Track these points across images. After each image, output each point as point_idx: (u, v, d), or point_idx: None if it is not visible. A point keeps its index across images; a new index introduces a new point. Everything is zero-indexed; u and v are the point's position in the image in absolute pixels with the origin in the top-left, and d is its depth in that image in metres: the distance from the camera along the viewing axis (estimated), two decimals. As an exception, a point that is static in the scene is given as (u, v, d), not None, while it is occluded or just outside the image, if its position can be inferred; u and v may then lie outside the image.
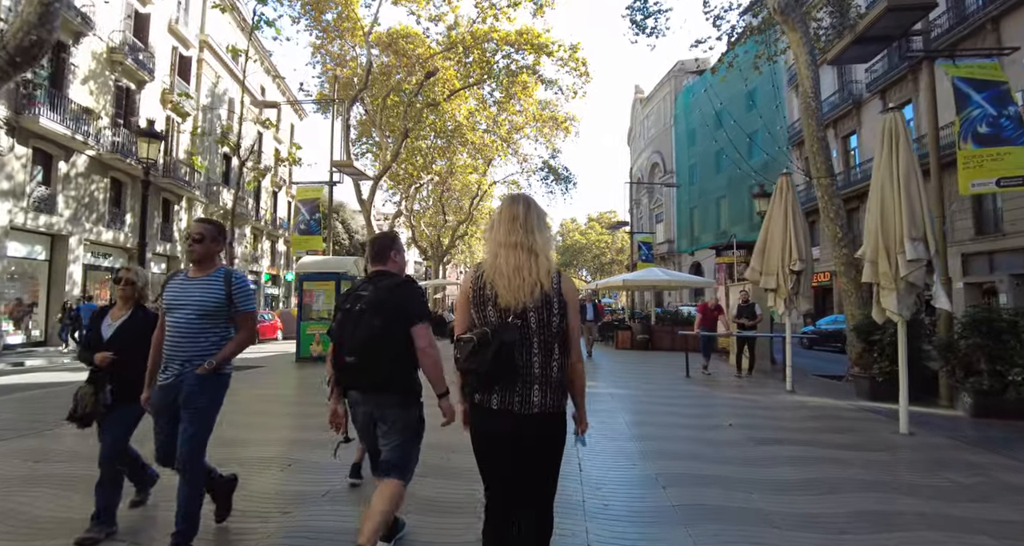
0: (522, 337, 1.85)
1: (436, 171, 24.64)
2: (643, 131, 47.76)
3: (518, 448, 1.86)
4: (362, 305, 2.46)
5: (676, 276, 19.05)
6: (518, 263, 1.86)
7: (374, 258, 2.67)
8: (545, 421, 1.87)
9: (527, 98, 23.20)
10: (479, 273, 1.94)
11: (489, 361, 1.80)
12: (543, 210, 2.03)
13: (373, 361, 2.40)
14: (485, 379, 1.84)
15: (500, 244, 1.91)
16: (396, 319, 2.44)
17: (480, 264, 1.98)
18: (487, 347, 1.80)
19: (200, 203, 24.78)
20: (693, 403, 7.07)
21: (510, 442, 1.86)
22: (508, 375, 1.83)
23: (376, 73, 21.16)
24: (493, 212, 2.16)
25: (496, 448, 1.90)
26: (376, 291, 2.49)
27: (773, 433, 5.34)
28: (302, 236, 14.34)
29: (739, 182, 32.89)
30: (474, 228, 37.28)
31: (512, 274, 1.85)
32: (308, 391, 8.35)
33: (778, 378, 9.78)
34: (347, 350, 2.45)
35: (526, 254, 1.87)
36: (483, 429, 1.92)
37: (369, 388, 2.48)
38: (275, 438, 5.20)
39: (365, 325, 2.42)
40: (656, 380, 9.27)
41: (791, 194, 8.13)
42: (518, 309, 1.84)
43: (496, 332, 1.82)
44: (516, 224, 1.93)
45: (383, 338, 2.41)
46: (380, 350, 2.41)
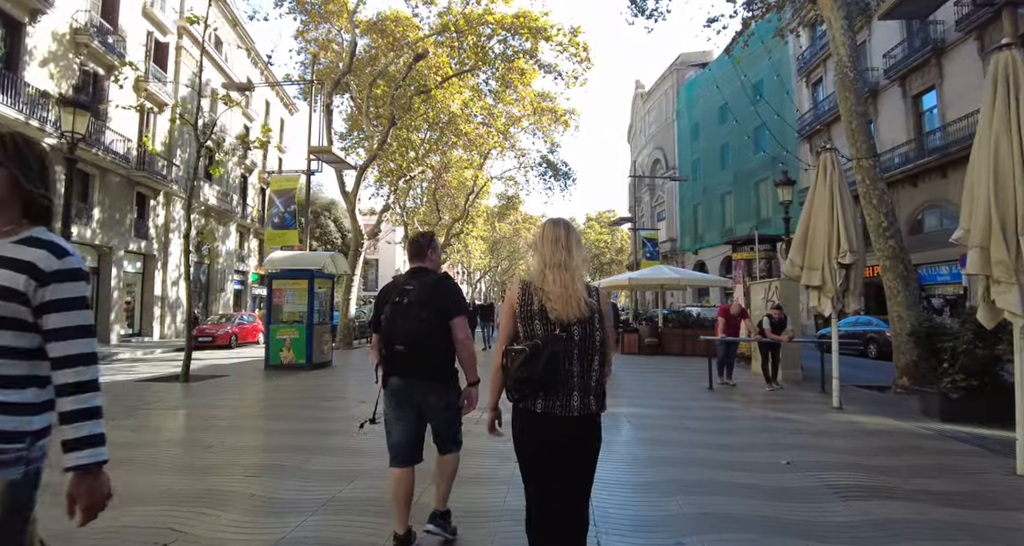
0: (565, 348, 2.04)
1: (430, 165, 23.28)
2: (644, 127, 46.50)
3: (559, 448, 2.06)
4: (409, 298, 2.69)
5: (687, 274, 17.70)
6: (564, 281, 2.07)
7: (413, 256, 2.94)
8: (583, 423, 2.06)
9: (524, 87, 21.86)
10: (526, 289, 2.15)
11: (540, 370, 1.98)
12: (578, 232, 2.26)
13: (421, 349, 2.66)
14: (535, 386, 2.02)
15: (547, 265, 2.11)
16: (439, 312, 2.69)
17: (525, 281, 2.18)
18: (538, 358, 1.99)
19: (179, 198, 23.41)
20: (730, 428, 5.75)
21: (552, 443, 2.06)
22: (555, 383, 2.02)
23: (363, 58, 19.88)
24: (536, 232, 2.23)
25: (539, 449, 2.09)
26: (421, 286, 2.72)
27: (849, 476, 4.04)
28: (276, 230, 13.01)
29: (745, 177, 31.62)
30: (470, 226, 35.93)
31: (562, 291, 2.06)
32: (275, 406, 7.03)
33: (813, 389, 8.48)
34: (396, 340, 2.67)
35: (568, 273, 2.08)
36: (528, 432, 2.10)
37: (415, 375, 2.71)
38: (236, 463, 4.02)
39: (413, 317, 2.65)
40: (676, 395, 7.95)
41: (837, 173, 6.84)
42: (565, 323, 2.05)
43: (546, 344, 2.01)
44: (559, 245, 2.12)
45: (429, 329, 2.66)
46: (426, 340, 2.66)
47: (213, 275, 26.71)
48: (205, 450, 4.67)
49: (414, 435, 2.78)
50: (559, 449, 2.05)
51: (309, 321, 10.79)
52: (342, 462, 4.29)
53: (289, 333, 10.84)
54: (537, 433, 2.06)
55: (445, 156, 28.72)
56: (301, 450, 4.64)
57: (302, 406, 6.87)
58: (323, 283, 11.33)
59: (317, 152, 12.49)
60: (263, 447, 4.85)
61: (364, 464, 4.20)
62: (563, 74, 19.34)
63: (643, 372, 10.82)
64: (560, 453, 2.05)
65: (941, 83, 18.31)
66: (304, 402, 7.15)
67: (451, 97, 21.46)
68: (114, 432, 5.34)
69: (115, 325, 19.26)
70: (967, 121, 16.76)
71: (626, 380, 9.54)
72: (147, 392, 8.23)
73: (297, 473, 4.01)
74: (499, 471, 4.07)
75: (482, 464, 4.28)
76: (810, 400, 7.62)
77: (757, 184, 31.04)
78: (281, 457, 4.44)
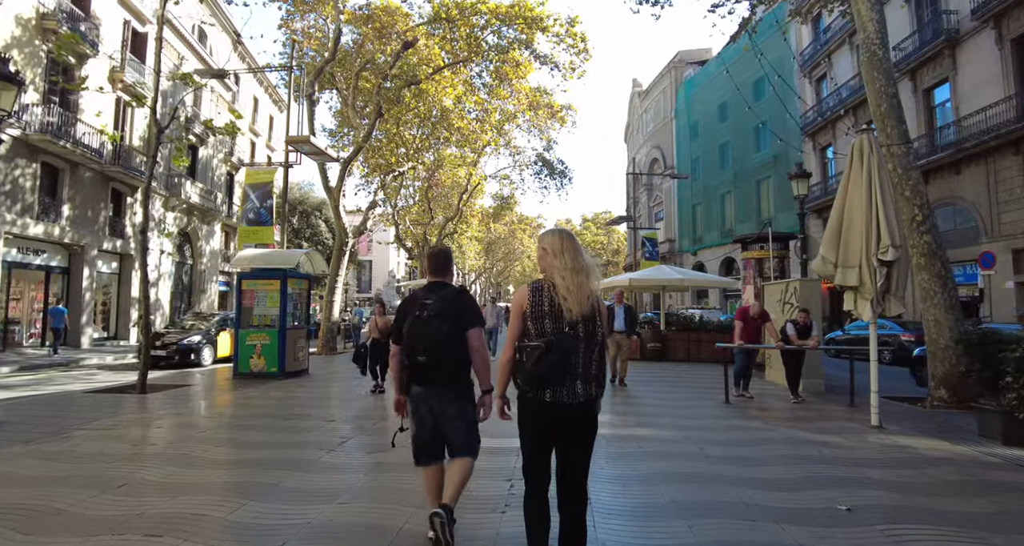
0: (574, 344, 2.34)
1: (421, 161, 22.33)
2: (641, 126, 45.71)
3: (564, 430, 2.35)
4: (430, 312, 2.83)
5: (690, 275, 16.79)
6: (580, 282, 2.37)
7: (435, 270, 3.08)
8: (584, 408, 2.35)
9: (519, 80, 20.96)
10: (536, 291, 2.41)
11: (554, 364, 2.26)
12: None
13: (441, 360, 2.81)
14: (549, 378, 2.29)
15: (568, 269, 2.37)
16: (457, 324, 2.84)
17: (536, 284, 2.45)
18: (551, 353, 2.26)
19: (159, 196, 22.38)
20: (760, 456, 4.84)
21: (559, 426, 2.34)
22: (564, 375, 2.30)
23: (349, 49, 18.97)
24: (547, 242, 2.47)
25: (547, 432, 2.37)
26: (440, 300, 2.87)
27: (934, 531, 3.14)
28: (250, 227, 12.03)
29: (746, 176, 30.82)
30: (464, 226, 35.01)
31: (577, 291, 2.34)
32: (228, 426, 6.07)
33: (839, 402, 7.59)
34: (419, 351, 2.81)
35: (584, 275, 2.39)
36: (537, 417, 2.35)
37: (435, 383, 2.85)
38: (143, 507, 3.02)
39: (435, 329, 2.80)
40: (691, 410, 7.02)
41: (875, 158, 5.95)
42: (576, 320, 2.34)
43: (559, 341, 2.28)
44: (572, 254, 2.40)
45: (449, 340, 2.81)
46: (446, 350, 2.82)
47: (196, 276, 25.69)
48: (114, 491, 3.73)
49: (433, 437, 2.93)
50: (566, 431, 2.35)
51: (282, 325, 9.84)
52: (286, 511, 3.37)
53: (260, 338, 9.88)
54: (547, 419, 2.34)
55: (438, 154, 27.84)
56: (235, 494, 3.70)
57: (261, 427, 5.92)
58: (298, 283, 10.38)
59: (295, 142, 11.54)
60: (186, 486, 3.91)
61: (315, 517, 3.27)
62: (560, 65, 18.45)
63: (649, 382, 9.90)
64: (566, 434, 2.36)
65: (955, 75, 17.53)
66: (265, 421, 6.21)
67: (443, 91, 20.53)
68: (17, 462, 4.39)
69: (87, 328, 18.22)
70: (983, 114, 16.01)
71: (633, 391, 8.63)
72: (93, 406, 7.28)
73: (229, 530, 3.08)
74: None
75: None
76: (841, 416, 6.73)
77: (759, 183, 30.25)
78: (208, 504, 3.50)
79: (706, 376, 10.78)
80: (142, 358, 8.51)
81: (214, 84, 27.06)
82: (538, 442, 2.38)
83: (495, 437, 4.62)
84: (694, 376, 10.67)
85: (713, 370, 11.73)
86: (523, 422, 2.40)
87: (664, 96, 41.06)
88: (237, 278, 10.24)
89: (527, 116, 28.34)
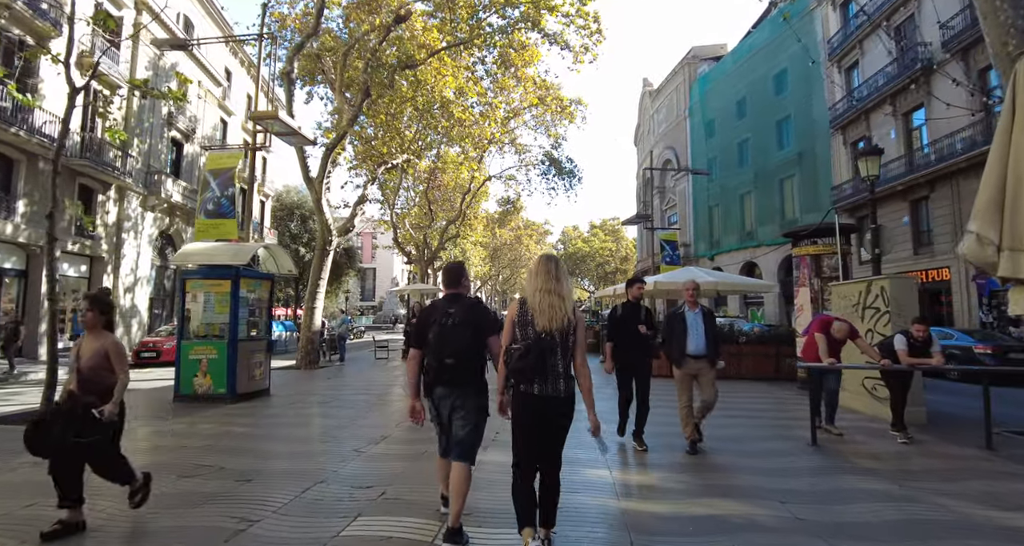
0: (551, 347, 2.89)
1: (416, 153, 20.47)
2: (653, 126, 43.86)
3: (547, 419, 2.91)
4: (454, 320, 3.19)
5: (725, 278, 14.60)
6: (551, 302, 2.90)
7: (449, 283, 3.44)
8: (565, 401, 2.93)
9: (526, 65, 19.15)
10: (523, 305, 3.00)
11: (532, 362, 2.83)
12: (563, 265, 3.12)
13: (465, 362, 3.17)
14: (529, 374, 2.84)
15: (539, 289, 2.94)
16: (479, 331, 3.23)
17: (523, 299, 3.03)
18: (531, 353, 2.83)
19: (136, 193, 20.69)
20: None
21: (542, 415, 2.90)
22: (543, 371, 2.86)
23: (337, 32, 17.26)
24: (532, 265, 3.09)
25: (533, 420, 2.91)
26: (462, 309, 3.24)
27: None
28: (209, 219, 10.17)
29: (767, 175, 28.80)
30: (466, 230, 33.15)
31: (548, 309, 2.89)
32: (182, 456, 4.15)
33: (967, 442, 5.57)
34: (447, 354, 3.15)
35: (557, 297, 2.91)
36: (526, 408, 2.92)
37: (458, 383, 3.19)
38: None
39: (460, 336, 3.17)
40: (772, 460, 4.93)
41: (1050, 91, 3.98)
42: (549, 330, 2.88)
43: (536, 343, 2.86)
44: (550, 276, 2.95)
45: (472, 345, 3.20)
46: (470, 354, 3.20)
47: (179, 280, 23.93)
48: None
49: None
50: (548, 418, 2.92)
51: (232, 336, 7.95)
52: None
53: (206, 352, 7.99)
54: (534, 408, 2.91)
55: (438, 152, 26.08)
56: None
57: (168, 481, 3.98)
58: (255, 285, 8.50)
59: (261, 118, 9.71)
60: None
61: None
62: (571, 46, 16.60)
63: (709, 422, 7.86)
64: (547, 421, 2.92)
65: (929, 104, 15.70)
66: (181, 468, 4.30)
67: (442, 81, 18.74)
68: None
69: (46, 337, 16.37)
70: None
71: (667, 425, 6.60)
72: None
73: None
74: None
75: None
76: (980, 462, 4.75)
77: (781, 182, 28.25)
78: None
79: (756, 398, 8.80)
80: (45, 381, 6.66)
81: (202, 78, 25.52)
82: (527, 430, 2.93)
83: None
84: (743, 399, 8.68)
85: (757, 389, 9.76)
86: (515, 413, 2.98)
87: (677, 94, 39.24)
88: (180, 278, 8.37)
89: (534, 112, 26.68)
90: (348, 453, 4.98)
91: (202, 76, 25.61)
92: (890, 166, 19.96)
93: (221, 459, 4.76)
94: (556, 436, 2.95)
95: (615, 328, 5.55)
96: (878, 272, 8.57)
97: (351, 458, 4.80)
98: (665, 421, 6.17)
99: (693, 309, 5.35)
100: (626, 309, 5.57)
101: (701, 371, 5.21)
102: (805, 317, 9.57)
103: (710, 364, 5.20)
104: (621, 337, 5.44)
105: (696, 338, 5.17)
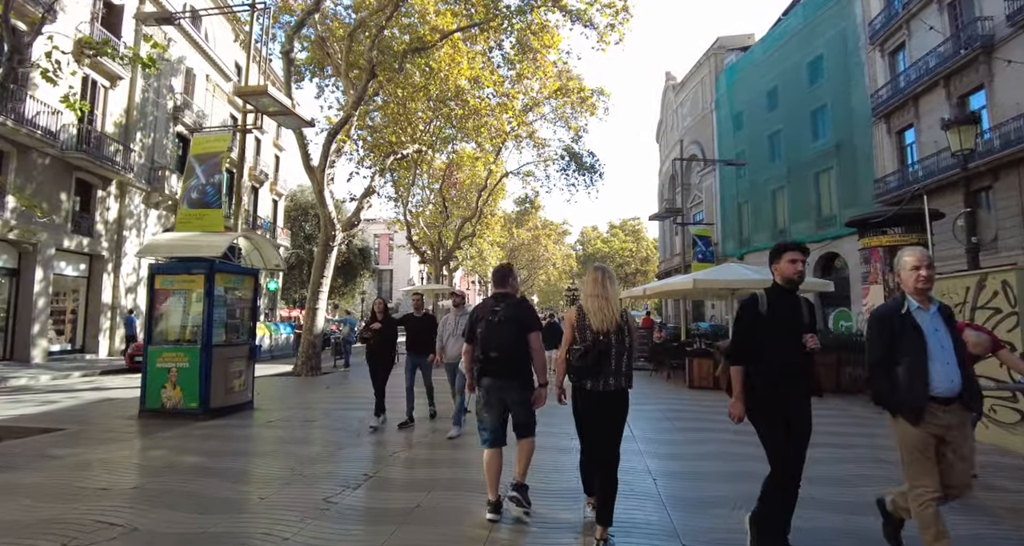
0: (607, 349, 3.23)
1: (429, 145, 19.28)
2: (677, 121, 42.22)
3: (601, 411, 3.26)
4: (500, 317, 3.60)
5: None
6: (600, 305, 3.29)
7: (498, 283, 3.82)
8: (616, 394, 3.26)
9: (546, 50, 17.83)
10: (580, 310, 3.37)
11: (591, 361, 3.20)
12: (614, 275, 3.48)
13: (510, 356, 3.56)
14: (588, 371, 3.22)
15: (589, 295, 3.35)
16: (521, 328, 3.59)
17: (579, 305, 3.41)
18: (591, 353, 3.21)
19: (139, 190, 19.88)
20: None
21: (597, 407, 3.26)
22: (600, 369, 3.21)
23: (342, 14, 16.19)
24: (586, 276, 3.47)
25: (589, 411, 3.31)
26: (507, 307, 3.64)
27: None
28: (193, 209, 9.04)
29: (801, 169, 27.02)
30: (483, 228, 31.90)
31: (599, 312, 3.27)
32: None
33: None
34: (492, 348, 3.57)
35: (604, 300, 3.30)
36: (583, 401, 3.32)
37: (503, 375, 3.58)
38: None
39: (506, 332, 3.57)
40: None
41: None
42: (604, 332, 3.25)
43: (595, 344, 3.23)
44: (597, 284, 3.34)
45: (514, 340, 3.57)
46: (513, 348, 3.57)
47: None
48: None
49: (499, 422, 3.65)
50: (601, 411, 3.26)
51: (206, 341, 6.78)
52: None
53: (175, 359, 6.83)
54: (588, 400, 3.28)
55: (454, 148, 24.91)
56: None
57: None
58: (235, 281, 7.32)
59: (248, 94, 8.56)
60: None
61: None
62: (595, 24, 15.26)
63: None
64: (601, 413, 3.26)
65: (991, 87, 13.89)
66: (79, 526, 3.12)
67: (456, 69, 17.55)
68: None
69: (40, 340, 15.56)
70: None
71: (752, 467, 5.10)
72: None
73: None
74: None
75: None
76: None
77: (817, 176, 26.48)
78: None
79: (831, 417, 7.34)
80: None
81: (210, 72, 24.74)
82: (584, 418, 3.36)
83: None
84: (817, 418, 7.28)
85: (823, 404, 8.30)
86: (574, 406, 3.40)
87: (702, 86, 37.60)
88: (149, 273, 7.23)
89: (553, 104, 25.37)
90: (311, 505, 3.70)
91: (210, 70, 24.85)
92: (941, 156, 18.25)
93: (141, 513, 3.51)
94: (610, 427, 3.24)
95: (754, 336, 3.02)
96: (975, 265, 7.10)
97: (311, 516, 3.52)
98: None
99: (926, 306, 2.82)
100: (777, 299, 3.05)
101: (953, 429, 2.73)
102: (878, 320, 8.09)
103: (966, 412, 2.77)
104: (771, 353, 2.97)
105: (945, 363, 2.71)
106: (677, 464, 4.92)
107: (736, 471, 4.64)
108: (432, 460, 5.07)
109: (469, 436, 5.79)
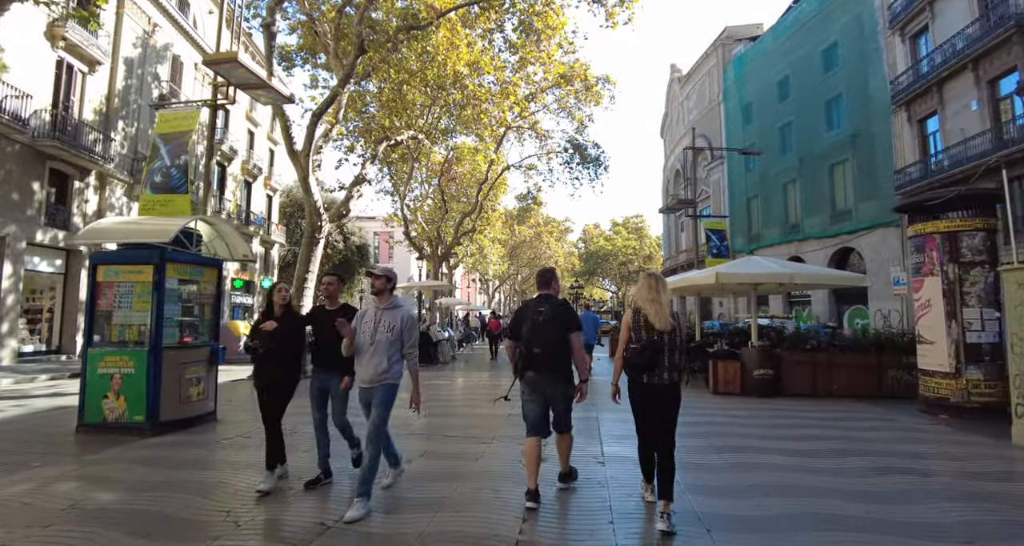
0: (659, 347, 3.58)
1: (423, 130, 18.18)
2: (682, 114, 41.12)
3: (656, 403, 3.63)
4: (544, 317, 3.88)
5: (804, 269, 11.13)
6: (655, 309, 3.63)
7: (541, 285, 4.16)
8: (668, 387, 3.62)
9: (551, 31, 16.74)
10: (636, 312, 3.72)
11: (647, 359, 3.56)
12: (666, 281, 3.82)
13: (552, 353, 3.84)
14: (644, 368, 3.59)
15: (645, 299, 3.67)
16: (563, 328, 3.89)
17: (636, 308, 3.73)
18: (647, 351, 3.56)
19: (120, 182, 18.85)
20: None
21: (652, 399, 3.63)
22: (654, 366, 3.57)
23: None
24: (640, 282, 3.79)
25: (645, 403, 3.68)
26: (551, 309, 3.94)
27: None
28: (156, 194, 8.01)
29: (814, 161, 25.93)
30: (483, 224, 30.83)
31: (654, 314, 3.62)
32: None
33: None
34: (536, 345, 3.84)
35: (658, 304, 3.65)
36: (637, 393, 3.70)
37: (545, 370, 3.87)
38: None
39: (549, 331, 3.86)
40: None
41: None
42: (660, 331, 3.59)
43: (650, 343, 3.58)
44: (651, 289, 3.67)
45: (556, 339, 3.86)
46: (556, 346, 3.86)
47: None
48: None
49: (541, 414, 3.95)
50: (656, 401, 3.62)
51: (154, 342, 5.72)
52: None
53: (119, 364, 5.78)
54: (643, 393, 3.65)
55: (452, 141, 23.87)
56: None
57: None
58: (192, 272, 6.24)
59: (217, 62, 7.53)
60: None
61: None
62: (604, 1, 14.18)
63: (830, 454, 5.14)
64: (657, 404, 3.62)
65: None
66: None
67: (454, 53, 16.47)
68: None
69: (9, 340, 14.54)
70: None
71: (841, 511, 3.72)
72: None
73: None
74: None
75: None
76: None
77: (831, 168, 25.42)
78: None
79: (873, 427, 6.30)
80: None
81: (198, 60, 23.68)
82: (638, 410, 3.73)
83: None
84: (856, 428, 6.22)
85: (866, 411, 7.28)
86: (631, 398, 3.75)
87: (709, 78, 36.52)
88: (91, 263, 6.19)
89: (556, 93, 24.27)
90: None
91: (199, 58, 23.80)
92: (970, 143, 17.15)
93: None
94: (664, 416, 3.62)
95: None
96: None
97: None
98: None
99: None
100: None
101: None
102: (934, 315, 7.11)
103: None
104: None
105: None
106: (729, 504, 3.85)
107: (810, 513, 3.60)
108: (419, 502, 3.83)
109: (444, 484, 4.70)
